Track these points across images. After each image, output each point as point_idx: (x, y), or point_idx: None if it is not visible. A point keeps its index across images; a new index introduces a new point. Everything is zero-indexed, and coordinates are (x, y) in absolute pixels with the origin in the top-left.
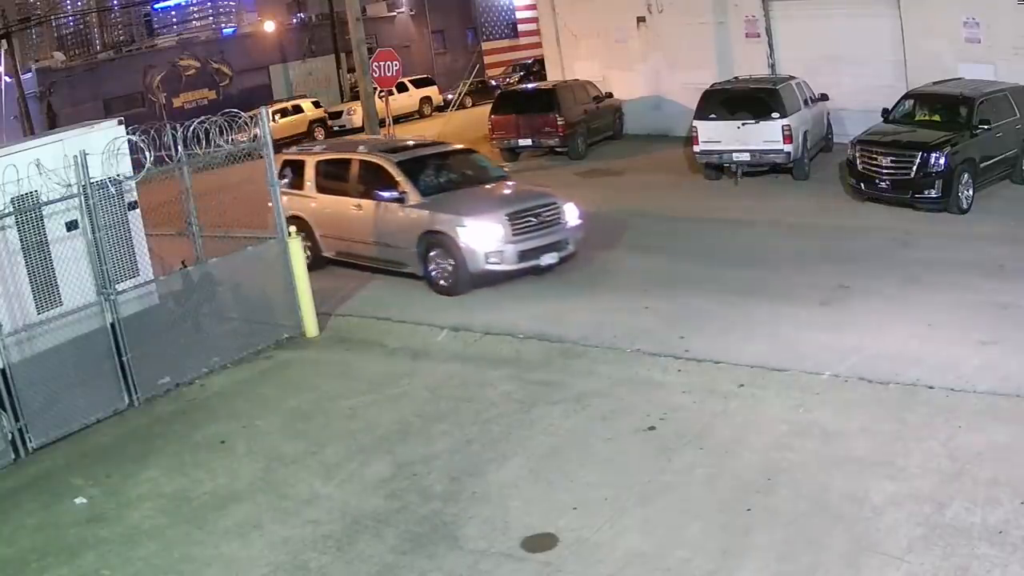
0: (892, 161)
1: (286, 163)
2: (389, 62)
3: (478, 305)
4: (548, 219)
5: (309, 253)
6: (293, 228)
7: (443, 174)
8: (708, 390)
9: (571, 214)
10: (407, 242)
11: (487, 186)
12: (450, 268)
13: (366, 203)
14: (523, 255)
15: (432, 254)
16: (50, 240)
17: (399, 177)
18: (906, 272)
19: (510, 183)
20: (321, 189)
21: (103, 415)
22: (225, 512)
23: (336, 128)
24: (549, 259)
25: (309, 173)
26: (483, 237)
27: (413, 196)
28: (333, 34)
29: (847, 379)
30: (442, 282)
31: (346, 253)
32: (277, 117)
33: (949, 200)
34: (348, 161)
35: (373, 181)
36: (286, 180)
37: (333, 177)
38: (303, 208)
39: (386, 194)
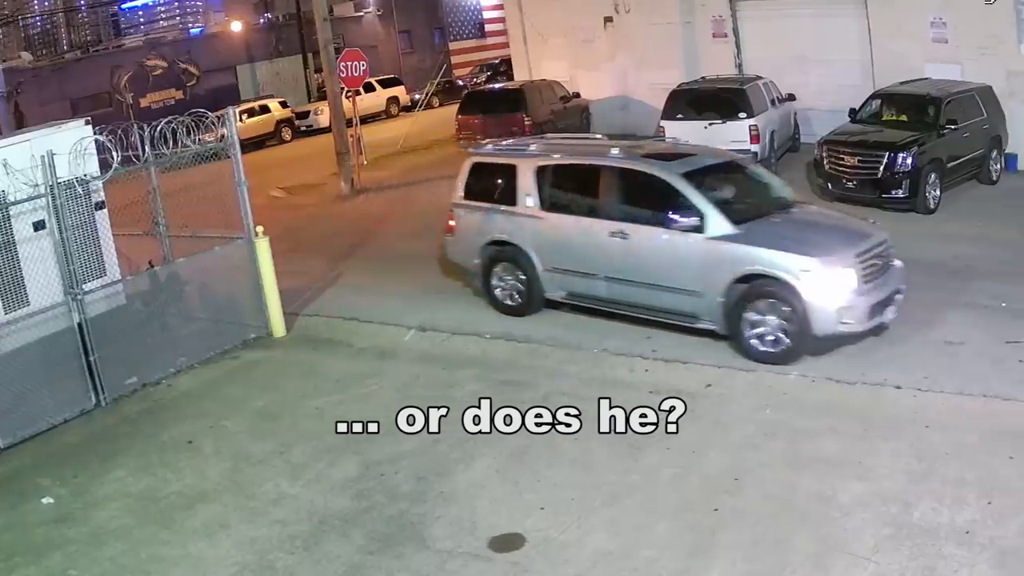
0: (859, 161)
1: (477, 167)
2: (356, 62)
3: (445, 304)
4: (887, 261)
5: (518, 294)
6: (260, 228)
7: (740, 193)
8: (675, 390)
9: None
10: (707, 287)
11: (795, 212)
12: (783, 328)
13: (636, 230)
14: (873, 310)
15: (751, 307)
16: (17, 240)
17: (694, 197)
18: None
19: (816, 209)
20: (551, 206)
21: (70, 415)
22: (192, 512)
23: (303, 128)
24: (890, 315)
25: (526, 183)
26: (834, 287)
27: (717, 224)
28: (300, 34)
29: (814, 379)
30: (766, 347)
31: (592, 296)
32: (244, 117)
33: (916, 200)
34: (598, 169)
35: (648, 200)
36: (459, 193)
37: (571, 191)
38: (517, 231)
39: (679, 219)
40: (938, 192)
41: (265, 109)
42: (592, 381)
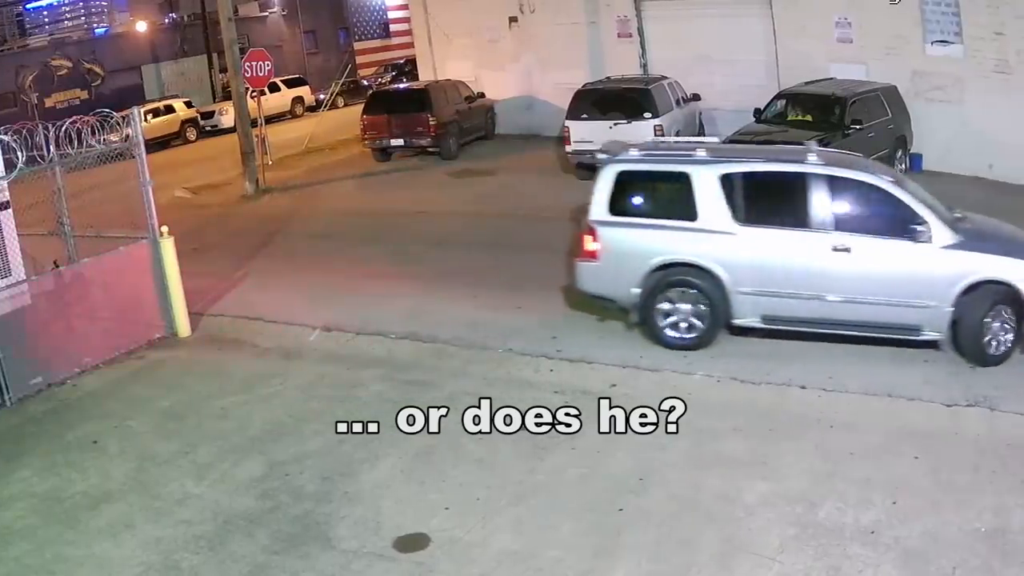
0: None
1: (626, 176)
2: (261, 62)
3: (350, 305)
4: None
5: (693, 324)
6: (165, 228)
7: (928, 201)
8: (580, 390)
9: None
10: (933, 298)
11: (971, 218)
12: (1003, 332)
13: (860, 243)
14: None
15: (990, 315)
16: None
17: (915, 205)
18: None
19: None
20: (747, 220)
21: None
22: (97, 512)
23: (208, 128)
24: None
25: (710, 193)
26: None
27: (942, 233)
28: (205, 34)
29: (719, 379)
30: (994, 351)
31: (801, 319)
32: (149, 117)
33: None
34: (803, 177)
35: (867, 210)
36: (601, 209)
37: (772, 201)
38: (700, 250)
39: (916, 229)
40: None
41: (170, 109)
42: (497, 381)
